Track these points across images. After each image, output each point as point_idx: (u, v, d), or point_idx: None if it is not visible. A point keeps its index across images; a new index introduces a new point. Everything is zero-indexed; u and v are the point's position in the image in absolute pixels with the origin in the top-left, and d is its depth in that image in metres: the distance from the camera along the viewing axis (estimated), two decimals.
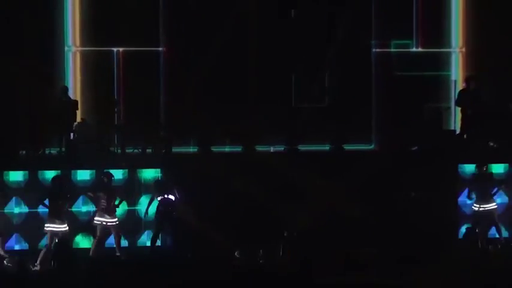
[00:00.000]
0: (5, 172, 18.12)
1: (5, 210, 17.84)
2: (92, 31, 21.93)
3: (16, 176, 18.26)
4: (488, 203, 18.05)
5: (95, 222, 17.07)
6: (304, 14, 21.96)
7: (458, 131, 21.18)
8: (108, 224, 16.98)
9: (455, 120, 21.57)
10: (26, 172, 18.30)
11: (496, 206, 18.17)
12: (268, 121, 21.22)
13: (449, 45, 23.10)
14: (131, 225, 18.39)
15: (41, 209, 17.52)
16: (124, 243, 17.64)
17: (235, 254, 15.50)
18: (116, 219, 17.14)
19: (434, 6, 23.01)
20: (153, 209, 17.61)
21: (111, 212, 17.05)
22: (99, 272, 15.18)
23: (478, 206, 18.13)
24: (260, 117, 21.23)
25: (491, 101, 20.84)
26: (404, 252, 17.49)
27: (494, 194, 18.21)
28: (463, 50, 23.03)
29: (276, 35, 21.66)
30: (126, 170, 18.64)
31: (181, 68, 22.22)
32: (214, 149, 21.09)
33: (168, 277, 14.83)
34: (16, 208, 18.10)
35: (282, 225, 17.98)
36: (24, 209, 18.10)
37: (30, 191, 18.08)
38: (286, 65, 21.87)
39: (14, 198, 18.08)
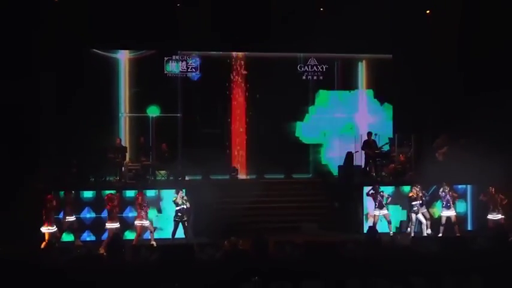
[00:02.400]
0: (81, 191, 18.01)
1: (81, 216, 17.73)
2: (136, 104, 22.08)
3: (87, 194, 18.09)
4: (384, 210, 17.93)
5: (136, 224, 16.78)
6: None
7: (363, 166, 21.17)
8: (144, 225, 16.76)
9: (361, 159, 21.54)
10: (94, 191, 18.16)
11: (387, 212, 18.02)
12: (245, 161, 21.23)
13: None
14: (160, 224, 18.19)
15: (103, 214, 17.37)
16: (156, 235, 17.42)
17: (225, 242, 15.35)
18: (148, 221, 16.84)
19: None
20: (173, 213, 17.37)
21: (146, 217, 16.78)
22: (139, 254, 15.03)
23: (378, 212, 17.93)
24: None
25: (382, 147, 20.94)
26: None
27: (387, 204, 18.01)
28: None
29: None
30: (157, 190, 18.43)
31: (192, 127, 22.32)
32: (212, 177, 21.18)
33: (181, 257, 14.68)
34: (87, 214, 17.96)
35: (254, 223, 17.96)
36: (92, 215, 17.95)
37: (96, 204, 17.96)
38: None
39: (86, 208, 17.97)
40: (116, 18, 19.84)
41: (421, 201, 17.74)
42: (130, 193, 18.02)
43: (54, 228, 16.18)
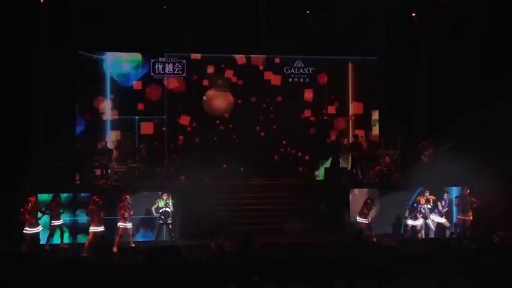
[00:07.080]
0: (65, 194, 17.68)
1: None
2: (121, 107, 22.02)
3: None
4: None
5: (119, 225, 16.77)
6: None
7: (349, 168, 21.20)
8: (127, 227, 16.76)
9: (348, 161, 21.62)
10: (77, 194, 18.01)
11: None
12: (233, 166, 21.21)
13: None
14: (146, 227, 18.19)
15: (85, 217, 17.16)
16: (140, 238, 17.39)
17: (212, 244, 15.41)
18: (131, 224, 16.84)
19: (338, 96, 23.39)
20: (157, 215, 17.42)
21: (129, 219, 16.81)
22: (126, 256, 15.05)
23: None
24: (228, 164, 21.15)
25: (368, 150, 21.00)
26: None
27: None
28: (352, 118, 23.39)
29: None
30: (145, 192, 18.32)
31: (177, 129, 22.31)
32: (199, 180, 21.12)
33: (168, 258, 14.75)
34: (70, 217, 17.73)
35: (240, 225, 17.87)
36: (77, 217, 17.73)
37: (80, 206, 17.67)
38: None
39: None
40: (103, 21, 19.81)
41: (430, 206, 17.47)
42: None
43: (37, 229, 16.11)
